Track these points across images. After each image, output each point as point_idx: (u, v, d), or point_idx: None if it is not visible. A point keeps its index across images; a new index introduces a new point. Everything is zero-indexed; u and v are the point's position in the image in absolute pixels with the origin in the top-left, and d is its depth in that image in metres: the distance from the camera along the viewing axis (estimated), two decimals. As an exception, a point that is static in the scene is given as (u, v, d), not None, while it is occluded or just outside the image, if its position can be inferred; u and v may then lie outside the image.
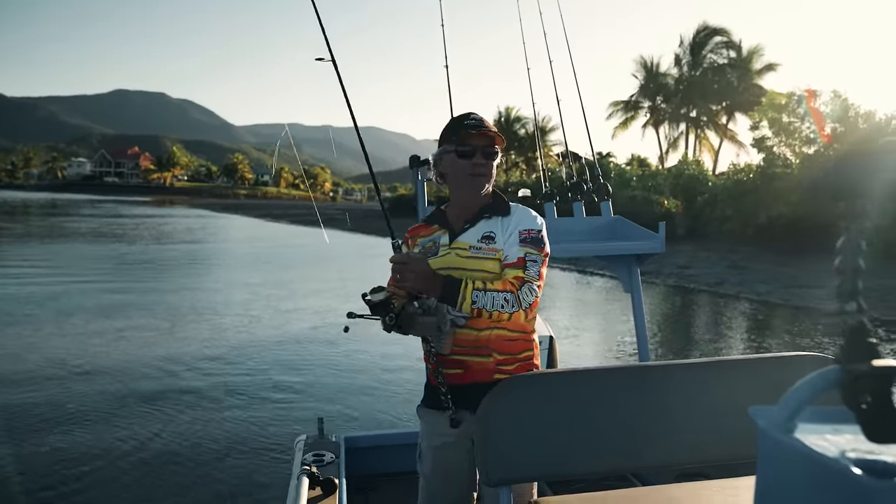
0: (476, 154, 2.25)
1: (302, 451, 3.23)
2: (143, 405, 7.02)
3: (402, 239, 2.43)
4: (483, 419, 1.91)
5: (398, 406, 7.19)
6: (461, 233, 2.29)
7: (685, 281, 17.52)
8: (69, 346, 9.28)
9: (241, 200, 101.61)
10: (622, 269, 3.33)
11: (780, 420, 0.73)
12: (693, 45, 47.20)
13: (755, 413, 0.76)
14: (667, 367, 2.16)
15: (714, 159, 46.29)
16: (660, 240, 3.16)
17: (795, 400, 0.74)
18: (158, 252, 24.03)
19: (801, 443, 0.69)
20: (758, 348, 10.66)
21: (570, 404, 1.98)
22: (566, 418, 1.95)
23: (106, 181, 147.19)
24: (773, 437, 0.72)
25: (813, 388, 0.74)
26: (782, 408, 0.74)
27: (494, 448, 1.89)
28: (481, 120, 2.30)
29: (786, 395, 0.75)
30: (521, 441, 1.92)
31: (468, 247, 2.26)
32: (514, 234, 2.23)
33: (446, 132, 2.33)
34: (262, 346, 9.72)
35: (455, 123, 2.31)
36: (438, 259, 2.27)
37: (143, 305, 12.73)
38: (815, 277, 17.12)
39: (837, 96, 26.07)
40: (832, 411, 0.77)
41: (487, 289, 2.10)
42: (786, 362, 2.14)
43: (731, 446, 2.02)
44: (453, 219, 2.35)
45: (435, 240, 2.34)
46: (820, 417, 0.75)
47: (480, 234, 2.26)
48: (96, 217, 45.52)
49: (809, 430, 0.72)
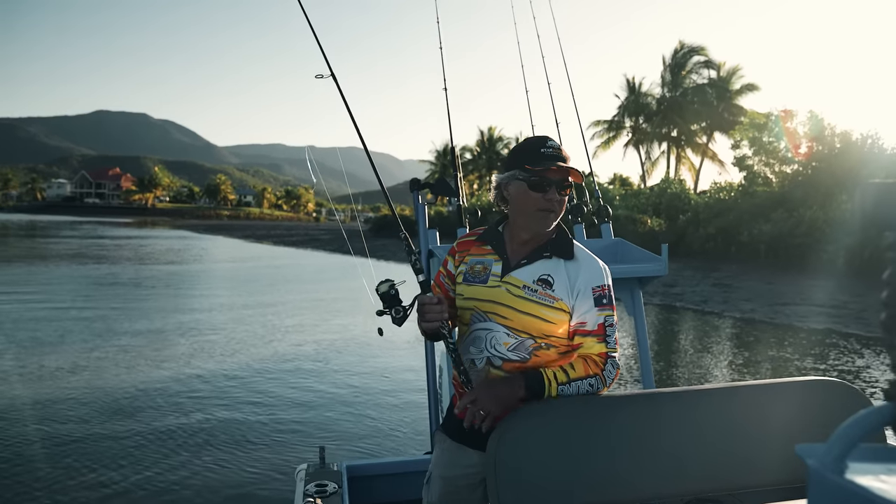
0: (551, 188, 2.06)
1: (304, 480, 3.16)
2: (130, 436, 6.85)
3: (449, 250, 2.29)
4: (495, 449, 1.88)
5: (398, 430, 7.11)
6: (516, 268, 2.11)
7: (671, 299, 17.58)
8: (42, 378, 9.11)
9: (224, 221, 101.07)
10: (625, 293, 3.30)
11: (831, 459, 0.70)
12: (673, 64, 47.81)
13: (803, 451, 0.73)
14: (678, 394, 2.14)
15: (695, 178, 46.77)
16: (663, 262, 3.14)
17: (847, 438, 0.71)
18: (138, 273, 23.78)
19: (858, 485, 0.66)
20: (747, 369, 10.68)
21: (582, 433, 1.96)
22: (578, 447, 1.93)
23: (87, 202, 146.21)
24: (825, 478, 0.69)
25: (865, 426, 0.71)
26: (832, 446, 0.71)
27: (507, 477, 1.86)
28: (559, 149, 2.08)
29: (836, 432, 0.72)
30: (534, 470, 1.89)
31: (522, 285, 2.09)
32: (585, 291, 2.06)
33: (518, 156, 2.11)
34: (252, 370, 9.59)
35: (530, 148, 2.09)
36: (487, 289, 2.12)
37: (124, 330, 12.54)
38: (797, 294, 17.27)
39: (814, 116, 26.49)
40: (880, 449, 0.74)
41: (571, 379, 1.99)
42: (798, 388, 2.13)
43: (744, 474, 1.99)
44: (510, 248, 2.16)
45: (486, 264, 2.16)
46: (868, 455, 0.72)
47: (537, 276, 2.09)
48: (76, 238, 45.02)
49: (861, 469, 0.69)
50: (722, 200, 28.37)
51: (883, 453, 0.73)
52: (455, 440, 2.23)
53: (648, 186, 40.49)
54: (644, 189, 38.72)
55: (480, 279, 2.15)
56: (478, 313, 2.13)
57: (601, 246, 3.50)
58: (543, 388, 1.97)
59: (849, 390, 2.09)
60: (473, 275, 2.17)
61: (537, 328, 2.07)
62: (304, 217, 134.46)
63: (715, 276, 21.26)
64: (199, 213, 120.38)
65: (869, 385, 9.10)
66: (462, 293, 2.18)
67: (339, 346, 11.44)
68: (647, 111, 48.90)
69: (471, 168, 63.53)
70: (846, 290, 16.91)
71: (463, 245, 2.26)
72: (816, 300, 16.17)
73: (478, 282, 2.15)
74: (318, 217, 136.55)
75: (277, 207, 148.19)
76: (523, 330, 2.07)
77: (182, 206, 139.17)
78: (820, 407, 2.05)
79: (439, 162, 68.98)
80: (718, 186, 31.42)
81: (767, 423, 2.04)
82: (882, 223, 0.70)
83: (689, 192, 33.14)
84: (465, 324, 2.18)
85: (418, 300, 2.14)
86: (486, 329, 2.11)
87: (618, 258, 3.47)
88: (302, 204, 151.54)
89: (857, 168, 22.38)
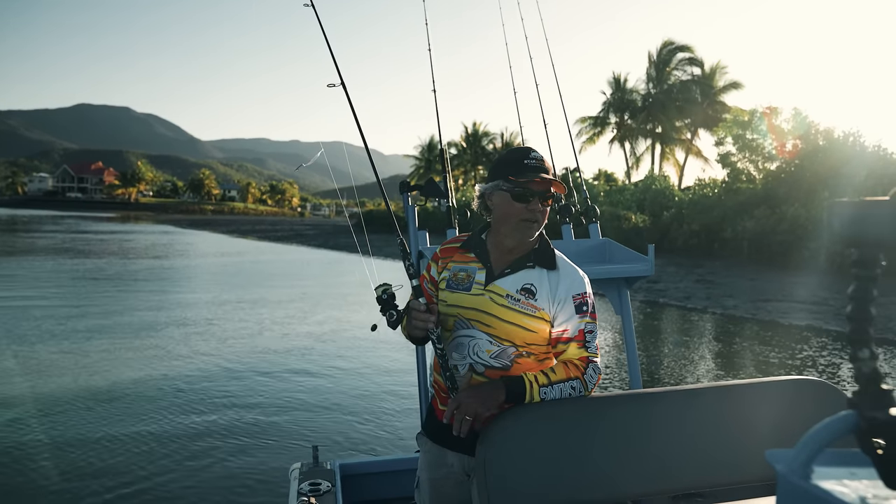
0: (533, 200, 2.08)
1: (298, 479, 3.19)
2: (119, 435, 6.83)
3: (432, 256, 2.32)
4: (484, 450, 1.91)
5: (389, 428, 7.15)
6: (500, 277, 2.14)
7: (654, 295, 17.71)
8: (27, 375, 9.06)
9: (208, 216, 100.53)
10: (612, 292, 3.33)
11: (798, 465, 0.74)
12: (658, 61, 48.09)
13: (772, 457, 0.77)
14: (664, 394, 2.18)
15: (679, 174, 47.10)
16: (650, 262, 3.17)
17: (813, 444, 0.75)
18: (124, 268, 23.61)
19: (822, 490, 0.70)
20: (729, 365, 10.80)
21: (568, 433, 1.99)
22: (565, 447, 1.97)
23: (69, 197, 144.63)
24: (792, 483, 0.73)
25: (830, 433, 0.75)
26: (799, 451, 0.75)
27: (496, 478, 1.89)
28: (542, 160, 2.11)
29: (803, 439, 0.76)
30: (521, 471, 1.92)
31: (505, 294, 2.12)
32: (566, 300, 2.11)
33: (502, 167, 2.13)
34: (242, 367, 9.58)
35: (514, 160, 2.12)
36: (471, 297, 2.15)
37: (112, 327, 12.48)
38: (779, 291, 17.46)
39: (798, 114, 26.72)
40: (844, 454, 0.78)
41: (552, 381, 2.02)
42: (781, 386, 2.17)
43: (728, 471, 2.04)
44: (494, 256, 2.18)
45: (469, 272, 2.19)
46: (833, 460, 0.76)
47: (520, 285, 2.12)
48: (59, 233, 44.62)
49: (826, 473, 0.73)
50: (706, 197, 28.56)
51: (848, 458, 0.77)
52: (436, 442, 2.28)
53: (633, 182, 40.73)
54: (629, 185, 38.92)
55: (464, 287, 2.17)
56: (461, 320, 2.16)
57: (589, 246, 3.53)
58: (525, 392, 2.01)
59: (830, 389, 2.14)
60: (457, 282, 2.19)
61: (520, 336, 2.11)
62: (288, 212, 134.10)
63: (698, 272, 21.42)
64: (182, 208, 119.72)
65: (849, 382, 9.23)
66: (445, 300, 2.20)
67: (327, 343, 11.45)
68: (633, 108, 49.17)
69: (456, 163, 63.55)
70: (827, 287, 17.11)
71: (446, 252, 2.29)
72: (798, 297, 16.34)
73: (461, 289, 2.17)
74: (303, 212, 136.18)
75: (262, 202, 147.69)
76: (506, 338, 2.11)
77: (166, 200, 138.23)
78: (802, 405, 2.09)
79: (424, 157, 68.98)
80: (702, 183, 31.63)
81: (751, 421, 2.08)
82: (848, 240, 0.74)
83: (674, 189, 33.32)
84: (447, 330, 2.20)
85: (409, 304, 2.18)
86: (469, 336, 2.14)
87: (605, 258, 3.50)
88: (286, 199, 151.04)
89: (839, 165, 22.62)
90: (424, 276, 2.30)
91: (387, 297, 2.22)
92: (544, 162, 2.11)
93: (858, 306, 0.74)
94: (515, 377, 2.04)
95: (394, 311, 2.20)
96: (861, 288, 0.74)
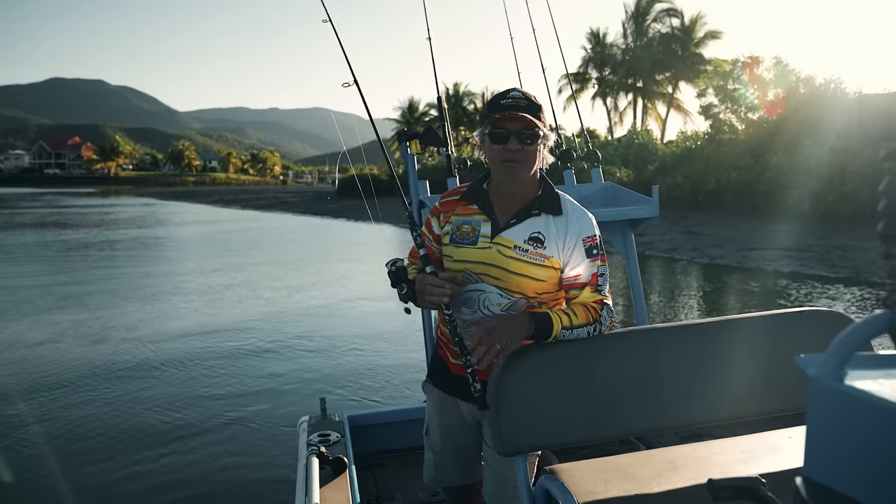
0: (510, 139, 2.00)
1: (307, 431, 3.19)
2: (128, 394, 6.94)
3: (431, 209, 2.25)
4: (496, 389, 1.91)
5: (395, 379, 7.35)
6: (506, 228, 2.08)
7: (641, 248, 17.73)
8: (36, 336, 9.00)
9: (190, 188, 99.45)
10: (616, 235, 3.33)
11: (831, 368, 0.72)
12: (636, 13, 47.60)
13: (802, 362, 0.75)
14: (674, 329, 2.17)
15: (662, 128, 46.96)
16: (654, 204, 3.15)
17: (846, 346, 0.73)
18: (107, 238, 23.39)
19: (857, 389, 0.68)
20: (718, 312, 10.90)
21: (578, 370, 1.99)
22: (575, 384, 1.97)
23: (47, 173, 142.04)
24: (825, 386, 0.71)
25: (864, 332, 0.73)
26: (831, 355, 0.73)
27: (508, 417, 1.90)
28: (518, 99, 2.02)
29: (835, 341, 0.74)
30: (534, 410, 1.92)
31: (513, 246, 2.06)
32: (576, 244, 2.05)
33: (486, 109, 2.07)
34: (243, 328, 9.64)
35: (493, 101, 2.06)
36: (478, 251, 2.08)
37: (109, 294, 12.39)
38: (764, 239, 17.57)
39: (779, 62, 26.63)
40: (878, 357, 0.76)
41: (574, 325, 1.97)
42: (792, 318, 2.15)
43: (741, 404, 2.03)
44: (497, 207, 2.11)
45: (473, 225, 2.11)
46: (866, 363, 0.75)
47: (528, 234, 2.06)
48: (38, 209, 44.02)
49: (860, 376, 0.71)
50: (689, 149, 28.54)
51: (880, 360, 0.75)
52: (443, 390, 2.28)
53: (616, 138, 40.59)
54: (612, 141, 38.79)
55: (469, 241, 2.11)
56: (469, 275, 2.10)
57: (592, 190, 3.51)
58: (551, 330, 1.96)
59: (842, 318, 2.12)
60: (462, 236, 2.12)
61: (531, 287, 2.07)
62: (270, 181, 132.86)
63: (683, 224, 21.51)
64: (163, 181, 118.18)
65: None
66: (451, 255, 2.14)
67: (327, 302, 11.45)
68: (613, 62, 48.78)
69: (437, 125, 62.90)
70: (811, 234, 17.24)
71: (446, 205, 2.20)
72: (783, 244, 16.47)
73: (467, 243, 2.11)
74: (286, 180, 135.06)
75: (244, 172, 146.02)
76: (517, 290, 2.07)
77: (146, 173, 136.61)
78: (816, 336, 2.04)
79: (404, 119, 68.35)
80: (685, 135, 31.59)
81: (762, 353, 2.06)
82: (879, 135, 0.71)
83: (657, 143, 33.26)
84: (456, 284, 2.13)
85: (418, 279, 2.08)
86: (479, 290, 2.09)
87: (609, 202, 3.48)
88: (268, 167, 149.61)
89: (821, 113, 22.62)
90: (425, 234, 2.20)
91: (396, 269, 2.12)
92: (522, 100, 2.02)
93: (893, 201, 0.71)
94: (542, 314, 1.98)
95: (405, 284, 2.11)
96: (893, 183, 0.72)
